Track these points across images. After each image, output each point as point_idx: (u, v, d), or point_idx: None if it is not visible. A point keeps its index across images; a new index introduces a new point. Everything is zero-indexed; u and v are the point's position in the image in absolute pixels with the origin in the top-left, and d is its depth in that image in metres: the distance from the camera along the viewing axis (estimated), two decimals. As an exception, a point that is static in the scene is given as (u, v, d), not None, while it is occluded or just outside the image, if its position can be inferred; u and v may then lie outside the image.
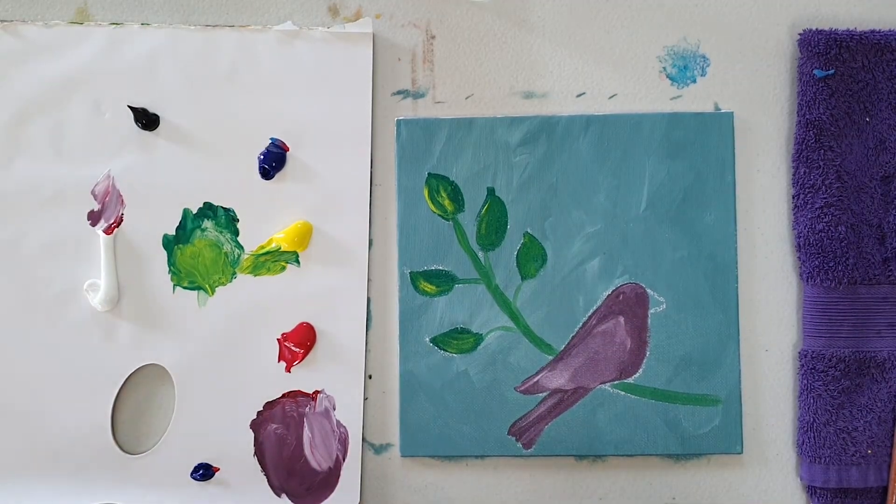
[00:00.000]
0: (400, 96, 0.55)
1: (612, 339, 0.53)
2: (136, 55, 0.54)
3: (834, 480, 0.52)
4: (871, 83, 0.54)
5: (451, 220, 0.54)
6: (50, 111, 0.54)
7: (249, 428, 0.53)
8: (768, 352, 0.54)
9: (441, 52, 0.55)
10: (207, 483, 0.53)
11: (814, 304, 0.53)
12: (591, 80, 0.55)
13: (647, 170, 0.54)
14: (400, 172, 0.54)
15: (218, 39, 0.55)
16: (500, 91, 0.55)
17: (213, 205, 0.54)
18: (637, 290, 0.54)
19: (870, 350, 0.53)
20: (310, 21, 0.55)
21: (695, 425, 0.53)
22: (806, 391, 0.53)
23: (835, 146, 0.53)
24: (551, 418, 0.53)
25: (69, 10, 0.55)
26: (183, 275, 0.54)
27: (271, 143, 0.54)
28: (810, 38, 0.54)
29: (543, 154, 0.54)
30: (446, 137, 0.54)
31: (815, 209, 0.53)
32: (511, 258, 0.54)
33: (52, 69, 0.54)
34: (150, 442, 0.54)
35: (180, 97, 0.54)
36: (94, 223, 0.54)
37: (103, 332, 0.54)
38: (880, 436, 0.53)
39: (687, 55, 0.55)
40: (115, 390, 0.54)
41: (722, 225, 0.54)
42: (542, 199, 0.54)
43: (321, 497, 0.53)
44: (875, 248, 0.53)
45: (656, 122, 0.54)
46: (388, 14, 0.55)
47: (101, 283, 0.53)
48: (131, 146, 0.54)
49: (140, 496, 0.53)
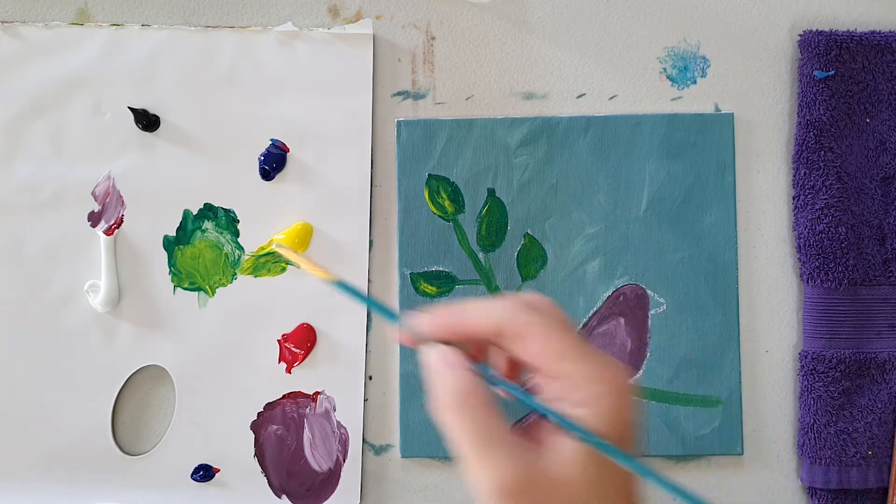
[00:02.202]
0: (400, 97, 0.55)
1: (612, 340, 0.53)
2: (136, 56, 0.54)
3: (834, 481, 0.52)
4: (871, 84, 0.54)
5: (451, 221, 0.54)
6: (50, 112, 0.54)
7: (250, 429, 0.53)
8: (769, 353, 0.54)
9: (441, 53, 0.55)
10: (208, 484, 0.53)
11: (814, 305, 0.53)
12: (592, 81, 0.55)
13: (648, 171, 0.54)
14: (400, 173, 0.54)
15: (218, 40, 0.55)
16: (500, 92, 0.55)
17: (214, 206, 0.54)
18: (637, 290, 0.54)
19: (870, 351, 0.53)
20: (310, 22, 0.55)
21: (695, 426, 0.53)
22: (806, 392, 0.53)
23: (835, 147, 0.53)
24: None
25: (69, 11, 0.55)
26: (183, 276, 0.54)
27: (271, 144, 0.54)
28: (810, 40, 0.54)
29: (544, 155, 0.54)
30: (447, 138, 0.54)
31: (815, 210, 0.53)
32: (511, 259, 0.54)
33: (53, 70, 0.54)
34: (151, 443, 0.54)
35: (180, 98, 0.54)
36: (95, 224, 0.54)
37: (104, 332, 0.54)
38: (881, 437, 0.53)
39: (687, 56, 0.55)
40: (115, 391, 0.54)
41: (722, 226, 0.54)
42: (543, 200, 0.54)
43: (321, 498, 0.53)
44: (875, 249, 0.53)
45: (656, 123, 0.54)
46: (389, 15, 0.55)
47: (102, 284, 0.53)
48: (132, 147, 0.54)
49: (140, 497, 0.53)
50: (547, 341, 0.33)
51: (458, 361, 0.34)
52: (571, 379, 0.32)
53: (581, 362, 0.32)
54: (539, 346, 0.33)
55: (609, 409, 0.32)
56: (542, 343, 0.33)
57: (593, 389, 0.32)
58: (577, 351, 0.32)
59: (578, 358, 0.32)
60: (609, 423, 0.32)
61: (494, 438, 0.32)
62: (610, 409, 0.32)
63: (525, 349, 0.33)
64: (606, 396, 0.32)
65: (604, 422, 0.32)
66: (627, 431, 0.32)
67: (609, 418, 0.32)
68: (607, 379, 0.32)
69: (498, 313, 0.34)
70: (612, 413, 0.32)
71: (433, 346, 0.35)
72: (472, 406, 0.33)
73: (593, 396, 0.32)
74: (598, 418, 0.32)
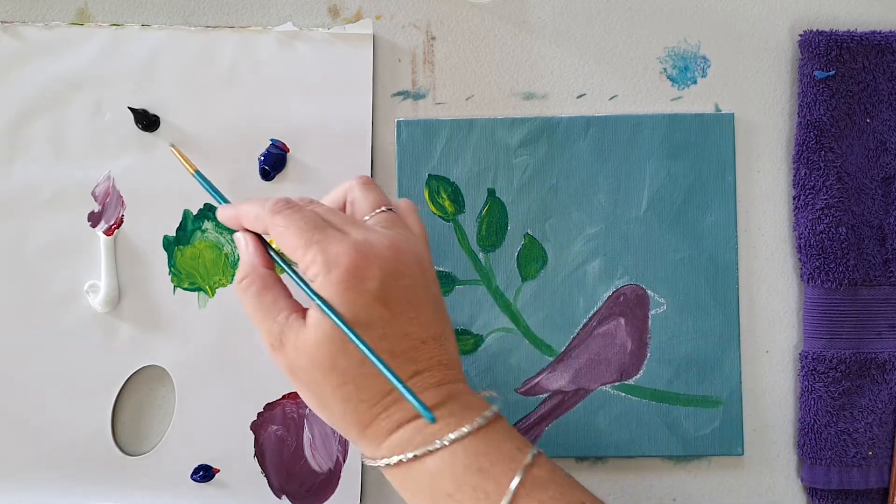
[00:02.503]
0: (400, 97, 0.55)
1: (612, 340, 0.53)
2: (136, 56, 0.54)
3: (835, 482, 0.52)
4: (871, 84, 0.54)
5: (451, 221, 0.54)
6: (50, 112, 0.54)
7: (250, 429, 0.53)
8: (769, 353, 0.54)
9: (441, 54, 0.55)
10: (207, 484, 0.53)
11: (814, 306, 0.53)
12: (592, 81, 0.55)
13: (648, 171, 0.54)
14: (400, 174, 0.54)
15: (218, 40, 0.55)
16: (500, 92, 0.55)
17: (214, 206, 0.54)
18: (637, 291, 0.54)
19: (870, 351, 0.53)
20: (310, 22, 0.55)
21: (695, 427, 0.53)
22: (807, 392, 0.53)
23: (835, 147, 0.53)
24: (552, 420, 0.53)
25: (70, 11, 0.55)
26: (183, 276, 0.54)
27: (271, 144, 0.54)
28: (811, 40, 0.54)
29: (544, 155, 0.54)
30: (447, 138, 0.54)
31: (815, 210, 0.53)
32: (511, 259, 0.54)
33: (53, 70, 0.54)
34: (151, 443, 0.54)
35: (180, 98, 0.54)
36: (95, 224, 0.54)
37: (103, 333, 0.54)
38: (881, 437, 0.53)
39: (687, 56, 0.55)
40: (115, 391, 0.54)
41: (722, 226, 0.54)
42: (543, 201, 0.54)
43: (321, 498, 0.53)
44: (875, 249, 0.53)
45: (657, 124, 0.54)
46: (389, 15, 0.55)
47: (102, 285, 0.53)
48: (132, 147, 0.54)
49: (140, 497, 0.53)
50: (288, 239, 0.41)
51: (253, 243, 0.44)
52: (309, 268, 0.40)
53: (311, 255, 0.40)
54: (284, 243, 0.41)
55: (340, 293, 0.40)
56: (285, 241, 0.41)
57: (325, 278, 0.40)
58: (310, 245, 0.40)
59: (311, 251, 0.40)
60: (343, 304, 0.40)
61: (269, 305, 0.42)
62: (341, 293, 0.40)
63: (280, 244, 0.42)
64: (337, 283, 0.40)
65: (341, 302, 0.40)
66: (362, 311, 0.40)
67: (342, 300, 0.40)
68: (337, 266, 0.40)
69: (254, 214, 0.43)
70: (343, 295, 0.40)
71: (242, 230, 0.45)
72: (259, 276, 0.43)
73: (325, 283, 0.40)
74: (334, 299, 0.40)
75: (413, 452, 0.40)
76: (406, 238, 0.43)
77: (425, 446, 0.40)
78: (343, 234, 0.41)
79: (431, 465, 0.40)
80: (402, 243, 0.42)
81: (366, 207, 0.45)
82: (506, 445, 0.41)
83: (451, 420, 0.41)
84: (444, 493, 0.40)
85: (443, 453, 0.40)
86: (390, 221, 0.44)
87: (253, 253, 0.44)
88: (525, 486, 0.39)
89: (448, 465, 0.40)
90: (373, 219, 0.44)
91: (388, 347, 0.40)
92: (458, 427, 0.40)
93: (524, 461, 0.40)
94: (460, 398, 0.42)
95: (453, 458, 0.40)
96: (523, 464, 0.40)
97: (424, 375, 0.41)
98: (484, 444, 0.40)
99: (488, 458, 0.40)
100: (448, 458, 0.40)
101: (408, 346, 0.41)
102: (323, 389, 0.41)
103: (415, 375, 0.41)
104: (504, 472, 0.39)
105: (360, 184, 0.46)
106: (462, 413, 0.41)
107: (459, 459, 0.40)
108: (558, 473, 0.41)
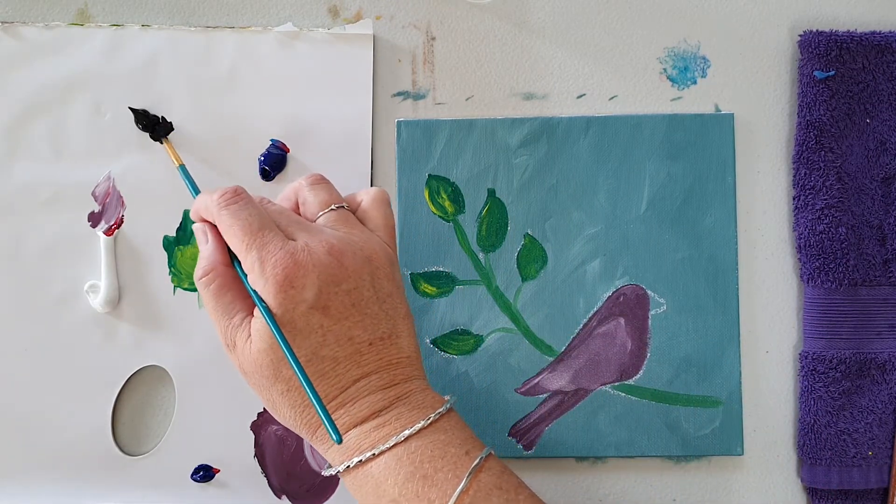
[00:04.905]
0: (400, 97, 0.55)
1: (612, 340, 0.53)
2: (136, 57, 0.54)
3: (835, 482, 0.52)
4: (871, 84, 0.54)
5: (451, 221, 0.54)
6: (50, 112, 0.54)
7: (250, 429, 0.53)
8: (769, 353, 0.54)
9: (441, 54, 0.55)
10: (208, 484, 0.53)
11: (814, 306, 0.53)
12: (592, 81, 0.55)
13: (648, 171, 0.54)
14: (400, 174, 0.54)
15: (218, 41, 0.55)
16: (500, 92, 0.55)
17: (214, 206, 0.54)
18: (637, 291, 0.54)
19: (870, 351, 0.53)
20: (310, 22, 0.55)
21: (695, 427, 0.53)
22: (806, 393, 0.53)
23: (835, 147, 0.53)
24: (552, 420, 0.53)
25: (70, 12, 0.55)
26: (183, 276, 0.54)
27: (272, 144, 0.54)
28: (811, 40, 0.54)
29: (544, 155, 0.54)
30: (446, 139, 0.54)
31: (815, 210, 0.53)
32: (511, 259, 0.54)
33: (53, 70, 0.54)
34: (151, 443, 0.54)
35: (181, 98, 0.54)
36: (95, 224, 0.54)
37: (104, 333, 0.54)
38: (881, 437, 0.53)
39: (687, 56, 0.55)
40: (115, 391, 0.54)
41: (722, 226, 0.54)
42: (543, 201, 0.54)
43: (321, 499, 0.53)
44: (875, 249, 0.53)
45: (657, 124, 0.54)
46: (389, 15, 0.55)
47: (102, 285, 0.53)
48: (132, 147, 0.54)
49: (140, 497, 0.53)
50: (231, 238, 0.42)
51: (212, 235, 0.44)
52: (250, 273, 0.41)
53: (250, 260, 0.40)
54: (229, 240, 0.42)
55: (278, 303, 0.40)
56: (229, 239, 0.42)
57: (263, 286, 0.40)
58: (250, 249, 0.41)
59: (251, 256, 0.40)
60: (280, 312, 0.40)
61: (227, 305, 0.42)
62: (279, 302, 0.40)
63: (226, 240, 0.42)
64: (274, 293, 0.40)
65: (278, 311, 0.40)
66: (299, 320, 0.40)
67: (278, 309, 0.40)
68: (273, 275, 0.40)
69: (205, 206, 0.44)
70: (281, 306, 0.40)
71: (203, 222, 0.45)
72: (220, 275, 0.43)
73: (264, 291, 0.40)
74: (272, 306, 0.40)
75: (359, 458, 0.40)
76: (352, 238, 0.42)
77: (371, 450, 0.39)
78: (284, 239, 0.41)
79: (376, 470, 0.39)
80: (345, 245, 0.41)
81: (315, 207, 0.44)
82: (452, 449, 0.40)
83: (396, 424, 0.40)
84: (390, 498, 0.39)
85: (387, 458, 0.39)
86: (340, 220, 0.43)
87: (213, 247, 0.44)
88: (468, 494, 0.39)
89: (392, 470, 0.39)
90: (322, 218, 0.44)
91: (329, 354, 0.40)
92: (402, 430, 0.40)
93: (470, 466, 0.39)
94: (411, 399, 0.41)
95: (397, 463, 0.39)
96: (469, 469, 0.39)
97: (371, 378, 0.41)
98: (430, 448, 0.39)
99: (433, 464, 0.39)
100: (392, 464, 0.39)
101: (352, 351, 0.40)
102: (271, 394, 0.41)
103: (361, 379, 0.40)
104: (447, 479, 0.39)
105: (310, 183, 0.45)
106: (409, 415, 0.40)
107: (403, 465, 0.39)
108: (506, 479, 0.40)
